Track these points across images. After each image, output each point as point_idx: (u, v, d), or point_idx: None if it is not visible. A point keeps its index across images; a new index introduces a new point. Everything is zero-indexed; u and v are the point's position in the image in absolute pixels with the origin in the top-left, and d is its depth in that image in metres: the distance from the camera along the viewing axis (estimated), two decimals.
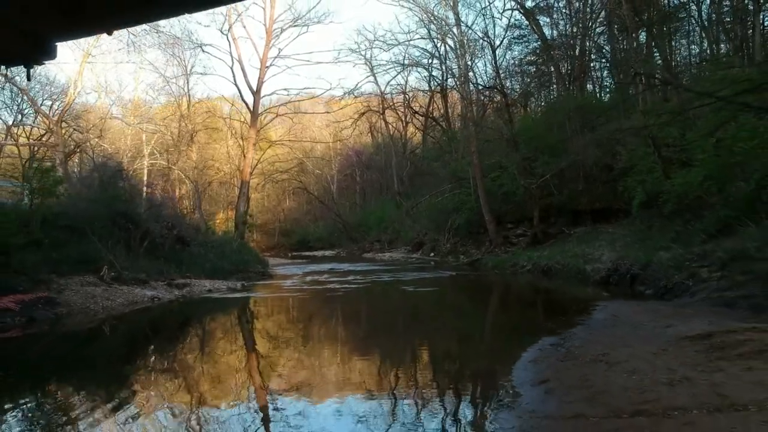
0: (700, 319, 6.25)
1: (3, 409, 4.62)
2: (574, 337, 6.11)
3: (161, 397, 4.84)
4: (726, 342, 4.73)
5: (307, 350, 7.01)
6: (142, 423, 4.12)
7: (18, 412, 4.59)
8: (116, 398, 4.83)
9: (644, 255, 11.89)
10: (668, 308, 7.74)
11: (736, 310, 6.91)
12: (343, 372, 5.67)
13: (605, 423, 3.29)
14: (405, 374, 5.55)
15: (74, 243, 12.64)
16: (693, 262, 10.06)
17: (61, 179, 13.60)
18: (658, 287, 10.01)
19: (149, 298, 11.89)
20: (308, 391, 4.78)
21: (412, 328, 8.61)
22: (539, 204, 19.03)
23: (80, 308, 10.36)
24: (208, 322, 10.19)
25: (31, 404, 4.89)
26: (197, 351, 7.39)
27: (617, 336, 5.87)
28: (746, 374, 3.80)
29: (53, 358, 7.18)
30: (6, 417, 4.38)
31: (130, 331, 9.34)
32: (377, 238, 33.72)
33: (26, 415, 4.54)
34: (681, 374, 3.99)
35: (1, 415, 4.45)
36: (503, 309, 11.03)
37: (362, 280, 15.35)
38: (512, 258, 17.85)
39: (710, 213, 11.60)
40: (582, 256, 14.74)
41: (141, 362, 6.83)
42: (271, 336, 8.34)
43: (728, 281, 8.54)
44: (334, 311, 10.67)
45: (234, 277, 16.23)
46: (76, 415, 4.34)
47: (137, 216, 14.98)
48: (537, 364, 4.99)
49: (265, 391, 4.95)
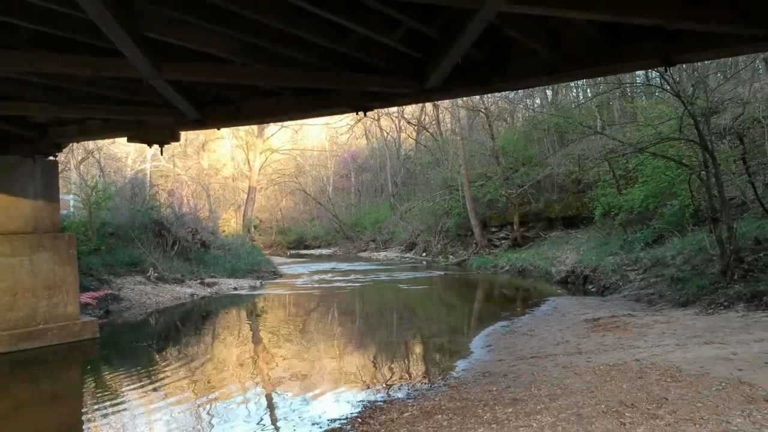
0: (605, 309, 9.28)
1: (170, 362, 7.57)
2: (519, 322, 9.13)
3: (235, 353, 7.79)
4: (604, 323, 7.74)
5: (338, 329, 10.01)
6: (223, 365, 7.08)
7: (178, 363, 7.54)
8: (209, 351, 7.78)
9: (596, 259, 14.96)
10: (596, 302, 10.77)
11: (639, 303, 9.93)
12: (366, 340, 8.66)
13: (513, 362, 6.26)
14: (405, 342, 8.55)
15: (122, 248, 15.52)
16: (627, 266, 13.13)
17: (110, 195, 16.43)
18: (600, 286, 13.08)
19: (189, 294, 14.80)
20: (355, 346, 7.77)
21: (408, 318, 11.62)
22: (518, 211, 22.08)
23: (138, 303, 13.25)
24: (250, 311, 13.11)
25: (177, 357, 7.84)
26: (253, 325, 10.33)
27: (547, 321, 8.88)
28: (599, 339, 6.79)
29: (151, 333, 10.07)
30: (165, 365, 7.33)
31: (191, 317, 12.29)
32: (372, 238, 36.66)
33: (183, 365, 7.49)
34: (565, 340, 6.99)
35: (168, 363, 7.40)
36: (477, 302, 14.04)
37: (363, 279, 18.31)
38: (494, 259, 20.89)
39: (649, 226, 14.68)
40: (551, 258, 17.80)
41: (216, 332, 9.76)
42: (306, 319, 11.30)
43: (645, 282, 11.59)
44: (347, 305, 13.64)
45: (250, 277, 19.11)
46: (194, 356, 7.30)
47: (169, 223, 17.86)
48: (488, 337, 7.99)
49: (329, 353, 7.91)
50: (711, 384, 4.49)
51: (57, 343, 8.66)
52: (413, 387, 5.83)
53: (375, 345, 8.58)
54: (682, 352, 5.57)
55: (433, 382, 5.98)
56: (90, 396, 6.44)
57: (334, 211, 41.39)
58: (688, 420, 3.78)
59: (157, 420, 5.34)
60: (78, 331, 8.97)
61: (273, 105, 6.63)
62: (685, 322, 7.17)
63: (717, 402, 4.06)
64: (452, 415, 4.50)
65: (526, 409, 4.42)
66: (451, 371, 6.31)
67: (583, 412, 4.20)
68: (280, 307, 13.77)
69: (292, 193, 47.72)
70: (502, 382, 5.40)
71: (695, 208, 12.24)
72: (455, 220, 25.65)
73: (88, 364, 8.21)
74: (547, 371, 5.55)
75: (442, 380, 5.91)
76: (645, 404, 4.19)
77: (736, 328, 6.40)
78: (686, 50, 5.05)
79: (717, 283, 8.64)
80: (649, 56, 5.15)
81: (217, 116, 7.00)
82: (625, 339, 6.54)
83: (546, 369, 5.66)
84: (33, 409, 6.08)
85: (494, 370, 6.00)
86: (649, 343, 6.21)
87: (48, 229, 9.00)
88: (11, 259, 8.40)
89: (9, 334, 8.24)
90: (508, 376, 5.58)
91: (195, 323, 11.84)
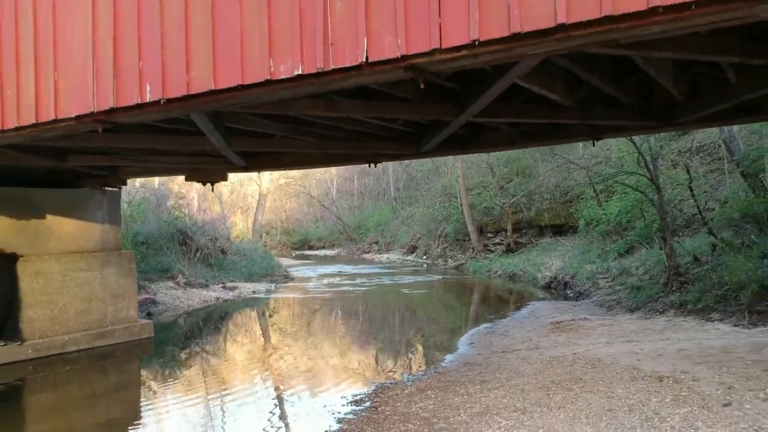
0: (571, 314, 11.45)
1: (213, 354, 9.79)
2: (500, 324, 11.32)
3: (273, 347, 10.00)
4: (563, 325, 9.91)
5: (352, 329, 12.21)
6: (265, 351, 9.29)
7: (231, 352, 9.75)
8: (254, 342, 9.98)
9: (576, 266, 17.13)
10: (567, 306, 12.95)
11: (601, 308, 12.10)
12: (375, 337, 10.87)
13: (488, 355, 8.44)
14: (407, 340, 10.75)
15: (152, 256, 17.74)
16: (600, 274, 15.31)
17: (143, 209, 18.66)
18: (576, 292, 15.26)
19: (214, 298, 17.01)
20: (367, 343, 9.97)
21: (409, 319, 13.81)
22: (512, 219, 24.27)
23: (172, 306, 15.46)
24: (273, 312, 15.31)
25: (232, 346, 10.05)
26: (279, 324, 12.52)
27: (522, 323, 11.07)
28: (555, 338, 8.97)
29: (191, 332, 12.25)
30: (221, 359, 9.55)
31: (222, 318, 14.49)
32: (375, 240, 38.89)
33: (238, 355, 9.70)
34: (530, 338, 9.17)
35: (225, 359, 9.62)
36: (469, 306, 16.23)
37: (368, 283, 20.52)
38: (489, 264, 23.08)
39: (623, 237, 16.84)
40: (539, 264, 19.98)
41: (248, 330, 11.95)
42: (324, 320, 13.49)
43: (612, 289, 13.76)
44: (357, 308, 15.84)
45: (264, 280, 21.32)
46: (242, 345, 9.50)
47: (192, 232, 20.07)
48: (472, 336, 10.18)
49: (346, 345, 10.10)
50: (615, 369, 6.68)
51: (122, 342, 10.85)
52: (411, 373, 8.02)
53: (382, 342, 10.79)
54: (607, 348, 7.75)
55: (426, 370, 8.18)
56: (150, 382, 8.65)
57: (338, 213, 43.59)
58: (589, 391, 5.96)
59: (206, 403, 7.54)
60: (137, 331, 11.17)
61: (305, 158, 8.81)
62: (623, 325, 9.36)
63: (612, 380, 6.24)
64: (438, 392, 6.67)
65: (489, 386, 6.60)
66: (441, 362, 8.50)
67: (525, 387, 6.39)
68: (298, 308, 15.98)
69: (297, 195, 49.96)
70: (476, 369, 7.59)
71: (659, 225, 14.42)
72: (454, 225, 27.85)
73: (146, 358, 10.41)
74: (510, 361, 7.74)
75: (433, 369, 8.10)
76: (567, 382, 6.38)
77: (656, 331, 8.59)
78: (606, 133, 7.26)
79: (660, 293, 10.81)
80: (582, 135, 7.36)
81: (259, 164, 9.18)
82: (573, 338, 8.73)
83: (509, 360, 7.85)
84: (107, 392, 8.33)
85: (472, 361, 8.19)
86: (588, 341, 8.39)
87: (113, 247, 11.21)
88: (87, 273, 10.60)
89: (86, 334, 10.43)
90: (482, 365, 7.77)
91: (227, 323, 14.06)
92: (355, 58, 3.55)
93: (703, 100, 6.31)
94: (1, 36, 5.56)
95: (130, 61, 4.55)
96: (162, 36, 4.45)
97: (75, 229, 10.62)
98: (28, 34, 5.35)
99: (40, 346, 9.71)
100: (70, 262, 10.36)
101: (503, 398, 6.08)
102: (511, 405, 5.79)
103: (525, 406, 5.69)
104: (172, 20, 4.32)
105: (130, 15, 4.62)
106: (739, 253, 9.88)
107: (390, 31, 3.46)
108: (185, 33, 4.24)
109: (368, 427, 5.61)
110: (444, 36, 3.30)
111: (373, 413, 6.05)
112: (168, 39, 4.35)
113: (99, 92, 4.86)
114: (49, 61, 5.20)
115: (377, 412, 6.05)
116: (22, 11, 5.44)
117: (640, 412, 5.18)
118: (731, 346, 7.13)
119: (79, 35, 4.90)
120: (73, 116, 5.05)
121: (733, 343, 7.29)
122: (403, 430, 5.39)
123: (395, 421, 5.63)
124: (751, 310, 8.24)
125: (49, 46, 5.21)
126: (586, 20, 2.89)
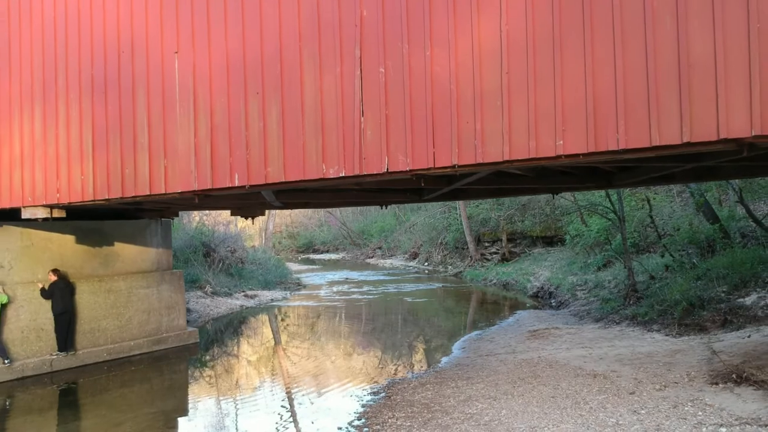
0: (548, 323, 13.98)
1: (248, 355, 12.36)
2: (489, 331, 13.85)
3: (302, 345, 12.55)
4: (539, 333, 12.43)
5: (365, 334, 14.76)
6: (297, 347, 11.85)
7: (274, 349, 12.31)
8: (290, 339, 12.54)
9: (561, 277, 19.68)
10: (548, 315, 15.48)
11: (574, 318, 14.62)
12: (384, 342, 13.42)
13: (475, 358, 10.96)
14: (410, 344, 13.29)
15: (181, 268, 20.26)
16: (579, 286, 17.85)
17: (177, 226, 21.18)
18: (558, 302, 17.80)
19: (239, 306, 19.58)
20: (378, 347, 12.54)
21: (412, 324, 16.36)
22: (507, 230, 26.81)
23: (203, 313, 18.01)
24: (293, 318, 17.85)
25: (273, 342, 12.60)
26: (300, 329, 15.05)
27: (506, 331, 13.60)
28: (529, 344, 11.48)
29: (225, 337, 14.78)
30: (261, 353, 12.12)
31: (249, 323, 17.03)
32: (379, 245, 41.49)
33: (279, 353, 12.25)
34: (509, 344, 11.69)
35: (274, 355, 12.20)
36: (464, 314, 18.78)
37: (375, 291, 23.07)
38: (485, 272, 25.63)
39: (602, 251, 19.36)
40: (530, 273, 22.53)
41: (275, 334, 14.48)
42: (340, 325, 16.02)
43: (586, 300, 16.29)
44: (366, 314, 18.38)
45: (279, 288, 23.89)
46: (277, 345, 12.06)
47: (215, 244, 22.63)
48: (464, 342, 12.72)
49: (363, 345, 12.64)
50: (566, 369, 9.21)
51: (173, 346, 13.40)
52: (414, 372, 10.56)
53: (392, 346, 13.34)
54: (565, 353, 10.28)
55: (426, 369, 10.71)
56: (198, 379, 11.19)
57: (343, 219, 46.13)
58: (543, 384, 8.49)
59: (247, 396, 10.08)
60: (186, 337, 13.72)
61: (330, 199, 11.34)
62: (584, 334, 11.89)
63: (561, 377, 8.78)
64: (435, 385, 9.20)
65: (473, 381, 9.13)
66: (438, 363, 11.04)
67: (499, 382, 8.92)
68: (314, 314, 18.54)
69: None
70: (465, 369, 10.11)
71: (633, 242, 16.99)
72: (453, 234, 30.41)
73: (194, 360, 12.95)
74: (491, 363, 10.27)
75: (432, 369, 10.63)
76: (529, 378, 8.91)
77: (607, 339, 11.11)
78: (562, 191, 9.80)
79: (620, 306, 13.34)
80: (543, 192, 9.90)
81: (292, 204, 11.72)
82: (543, 344, 11.25)
83: (490, 362, 10.38)
84: (164, 387, 10.89)
85: (462, 362, 10.72)
86: (553, 347, 10.92)
87: (165, 267, 13.76)
88: (147, 289, 13.14)
89: (147, 340, 12.97)
90: (469, 366, 10.30)
91: (256, 328, 16.63)
92: (380, 168, 6.05)
93: (633, 171, 8.84)
94: (121, 130, 8.10)
95: (223, 157, 7.04)
96: (247, 142, 6.98)
97: (136, 252, 13.17)
98: (143, 129, 7.82)
99: (112, 350, 12.26)
100: (134, 280, 12.91)
101: (482, 390, 8.61)
102: (486, 394, 8.33)
103: (496, 395, 8.23)
104: (253, 131, 6.82)
105: (222, 124, 7.10)
106: (680, 274, 12.40)
107: (402, 153, 5.97)
108: (263, 141, 6.75)
109: (384, 409, 8.15)
110: (437, 160, 5.80)
111: (387, 401, 8.59)
112: (251, 145, 6.87)
113: (199, 177, 7.42)
114: (160, 152, 7.70)
115: (390, 400, 8.59)
116: (139, 112, 7.92)
117: (573, 399, 7.72)
118: (655, 352, 9.65)
119: (183, 138, 7.40)
120: (178, 191, 7.60)
121: (657, 349, 9.81)
122: (409, 411, 7.92)
123: (404, 406, 8.18)
124: (680, 323, 10.74)
125: (160, 142, 7.72)
126: (522, 158, 5.37)
